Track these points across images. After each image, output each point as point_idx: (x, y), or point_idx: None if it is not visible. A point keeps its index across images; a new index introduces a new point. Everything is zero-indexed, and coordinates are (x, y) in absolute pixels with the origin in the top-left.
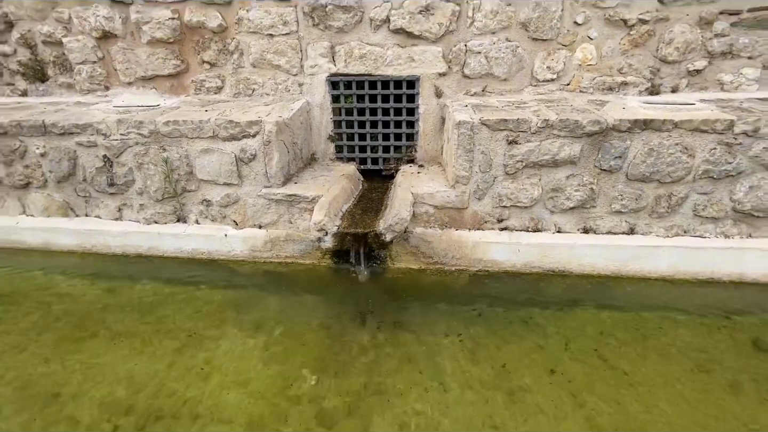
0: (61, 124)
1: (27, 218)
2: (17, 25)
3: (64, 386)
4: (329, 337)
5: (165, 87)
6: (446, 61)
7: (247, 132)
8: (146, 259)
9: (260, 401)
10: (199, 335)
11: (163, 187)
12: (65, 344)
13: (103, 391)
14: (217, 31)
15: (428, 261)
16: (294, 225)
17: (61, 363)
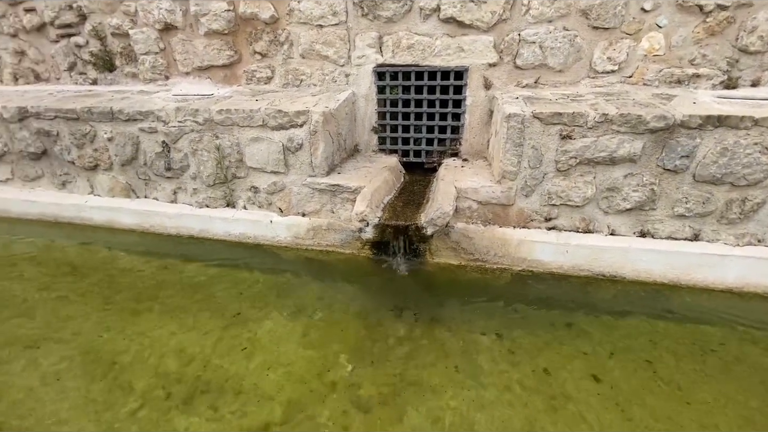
0: (127, 111)
1: (94, 198)
2: (90, 17)
3: (123, 354)
4: (366, 327)
5: (219, 77)
6: (497, 52)
7: (294, 122)
8: (197, 240)
9: (299, 383)
10: (243, 315)
11: (214, 173)
12: (125, 315)
13: (157, 361)
14: (269, 22)
15: (469, 257)
16: (336, 214)
17: (121, 332)
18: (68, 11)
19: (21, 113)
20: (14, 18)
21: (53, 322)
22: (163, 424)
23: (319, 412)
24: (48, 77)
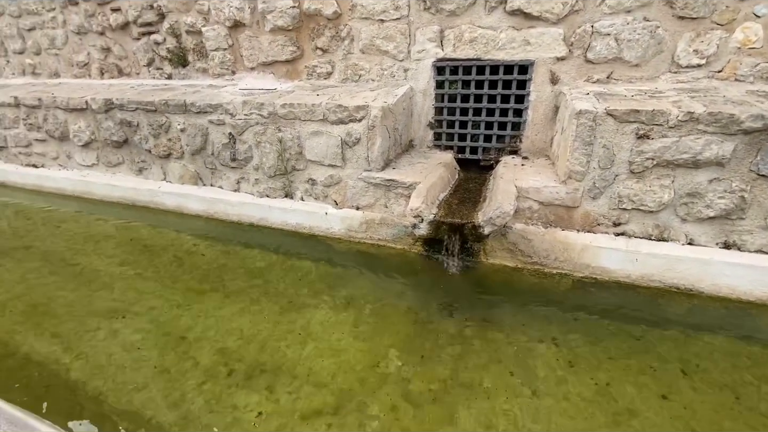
0: (198, 104)
1: (166, 184)
2: (168, 16)
3: (190, 330)
4: (416, 323)
5: (281, 72)
6: (567, 45)
7: (353, 116)
8: (257, 228)
9: (350, 373)
10: (297, 303)
11: (275, 165)
12: (191, 294)
13: (220, 339)
14: (332, 18)
15: (526, 260)
16: (389, 209)
17: (189, 310)
18: (149, 10)
19: (107, 105)
20: (102, 17)
21: (130, 296)
22: (226, 398)
23: (370, 403)
24: (129, 72)
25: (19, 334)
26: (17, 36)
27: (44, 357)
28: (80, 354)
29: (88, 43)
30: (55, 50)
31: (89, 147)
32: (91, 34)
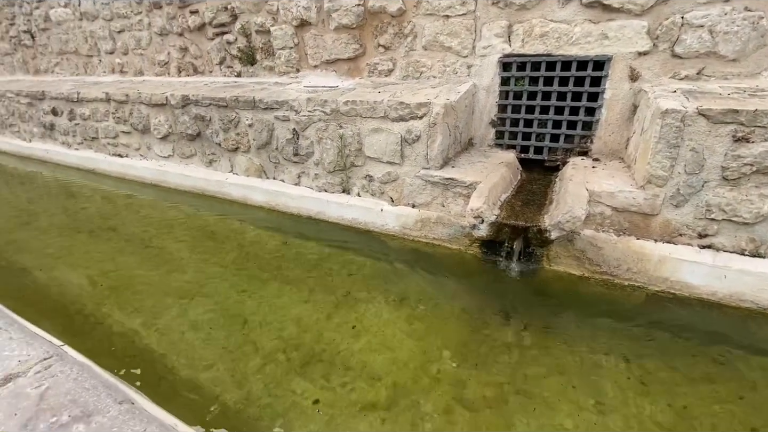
0: (266, 100)
1: (233, 176)
2: (240, 17)
3: (252, 315)
4: (470, 326)
5: (343, 69)
6: (651, 38)
7: (415, 114)
8: (314, 221)
9: (403, 370)
10: (351, 296)
11: (335, 161)
12: (253, 281)
13: (279, 326)
14: (396, 15)
15: (594, 269)
16: (446, 208)
17: (251, 295)
18: (224, 12)
19: (184, 101)
20: (182, 19)
21: (199, 279)
22: (284, 383)
23: (424, 402)
24: (203, 70)
25: (106, 306)
26: (108, 38)
27: (127, 329)
28: (157, 329)
29: (168, 44)
30: (140, 50)
31: (167, 139)
32: (171, 35)
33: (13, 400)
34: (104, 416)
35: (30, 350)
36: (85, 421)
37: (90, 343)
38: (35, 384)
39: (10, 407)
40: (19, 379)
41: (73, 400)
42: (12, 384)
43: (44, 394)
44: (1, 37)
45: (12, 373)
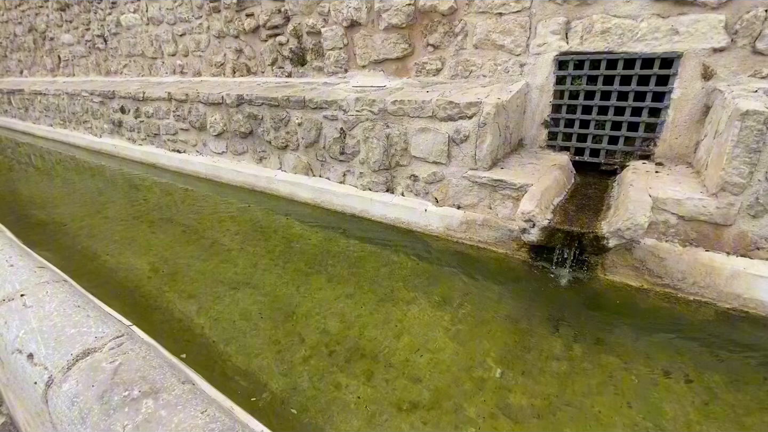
0: (315, 100)
1: (281, 172)
2: (292, 19)
3: (297, 308)
4: (516, 333)
5: (391, 69)
6: (729, 33)
7: (464, 113)
8: (358, 219)
9: (445, 373)
10: (393, 295)
11: (380, 160)
12: (298, 275)
13: (323, 320)
14: (447, 14)
15: (655, 281)
16: (493, 211)
17: (297, 289)
18: (277, 14)
19: (238, 100)
20: (238, 22)
21: (249, 270)
22: (328, 377)
23: (467, 406)
24: (256, 71)
25: (165, 292)
26: (171, 41)
27: (184, 315)
28: (211, 316)
29: (224, 46)
30: (199, 52)
31: (221, 137)
32: (228, 38)
33: (91, 372)
34: (170, 394)
35: (104, 328)
36: (154, 397)
37: (152, 325)
38: (109, 359)
39: (88, 379)
40: (96, 353)
41: (143, 376)
42: (90, 358)
43: (117, 369)
44: (77, 41)
45: (90, 347)
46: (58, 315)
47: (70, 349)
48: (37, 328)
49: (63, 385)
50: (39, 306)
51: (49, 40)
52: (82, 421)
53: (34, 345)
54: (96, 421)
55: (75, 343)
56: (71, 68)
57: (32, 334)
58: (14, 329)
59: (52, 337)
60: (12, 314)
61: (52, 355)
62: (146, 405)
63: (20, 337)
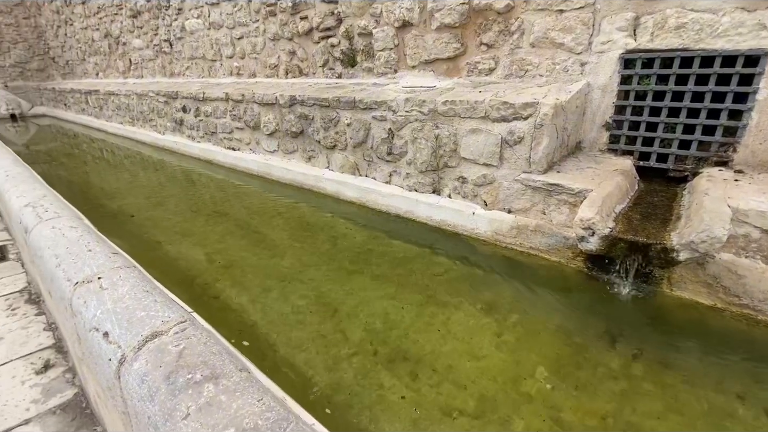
0: (365, 100)
1: (329, 171)
2: (344, 21)
3: (342, 305)
4: (568, 345)
5: (441, 69)
6: None
7: (519, 114)
8: (402, 220)
9: (491, 382)
10: (437, 298)
11: (428, 161)
12: (343, 273)
13: (367, 319)
14: (502, 12)
15: (731, 300)
16: (547, 216)
17: (341, 286)
18: (330, 17)
19: (291, 101)
20: (292, 25)
21: (296, 266)
22: (372, 375)
23: (514, 419)
24: (307, 72)
25: (219, 282)
26: (229, 44)
27: (237, 305)
28: (261, 307)
29: (279, 48)
30: (255, 54)
31: (273, 136)
32: (282, 40)
33: (158, 354)
34: (229, 380)
35: (170, 313)
36: (214, 382)
37: (209, 313)
38: (174, 343)
39: (156, 359)
40: (163, 336)
41: (204, 361)
42: (157, 340)
43: (182, 352)
44: (147, 45)
45: (157, 330)
46: (130, 298)
47: (140, 330)
48: (112, 309)
49: (134, 364)
50: (113, 289)
51: (122, 44)
52: (151, 398)
53: (109, 324)
54: (163, 400)
55: (144, 325)
56: (140, 70)
57: (107, 314)
58: (92, 309)
59: (125, 319)
60: (90, 295)
61: (125, 335)
62: (207, 389)
63: (97, 317)
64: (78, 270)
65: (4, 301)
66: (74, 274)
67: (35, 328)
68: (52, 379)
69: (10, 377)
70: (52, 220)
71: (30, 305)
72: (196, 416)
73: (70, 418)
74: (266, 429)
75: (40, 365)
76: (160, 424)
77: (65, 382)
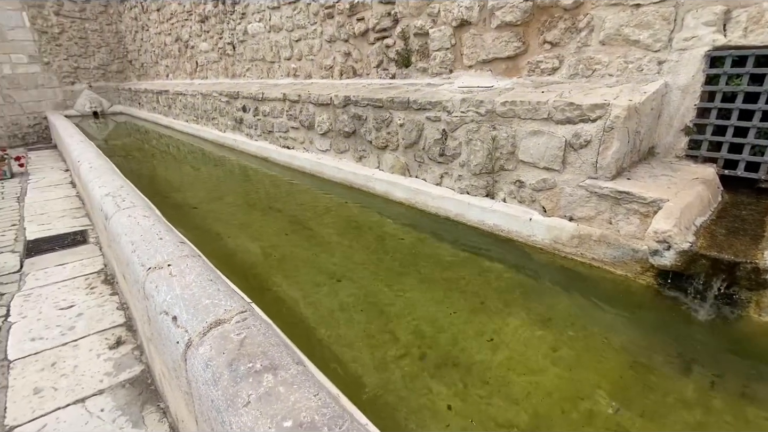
0: (420, 101)
1: (379, 172)
2: (400, 21)
3: (389, 306)
4: (634, 367)
5: (500, 69)
6: None
7: (587, 116)
8: (453, 223)
9: (547, 398)
10: (488, 306)
11: (482, 163)
12: (391, 273)
13: (414, 322)
14: (570, 8)
15: None
16: (614, 226)
17: (390, 287)
18: (386, 17)
19: (345, 101)
20: (349, 26)
21: (345, 264)
22: (420, 379)
23: None
24: (361, 73)
25: (274, 275)
26: (288, 46)
27: (289, 298)
28: (312, 303)
29: (334, 50)
30: (311, 56)
31: (326, 135)
32: (338, 42)
33: (222, 341)
34: (287, 372)
35: (231, 302)
36: (273, 373)
37: (264, 305)
38: (236, 331)
39: (219, 346)
40: (225, 324)
41: (264, 352)
42: (221, 327)
43: (243, 341)
44: (212, 48)
45: (220, 318)
46: (196, 286)
47: (205, 317)
48: (180, 295)
49: (199, 348)
50: (181, 276)
51: (190, 48)
52: (215, 383)
53: (177, 309)
54: (226, 386)
55: (209, 312)
56: (205, 72)
57: (176, 300)
58: (162, 293)
59: (192, 305)
60: (161, 281)
61: (192, 321)
62: (267, 379)
63: (167, 301)
64: (150, 256)
65: (84, 280)
66: (147, 260)
67: (109, 306)
68: (123, 355)
69: (88, 350)
70: (128, 209)
71: (105, 285)
72: (256, 405)
73: (137, 392)
74: (322, 425)
75: (113, 341)
76: (222, 409)
77: (134, 358)
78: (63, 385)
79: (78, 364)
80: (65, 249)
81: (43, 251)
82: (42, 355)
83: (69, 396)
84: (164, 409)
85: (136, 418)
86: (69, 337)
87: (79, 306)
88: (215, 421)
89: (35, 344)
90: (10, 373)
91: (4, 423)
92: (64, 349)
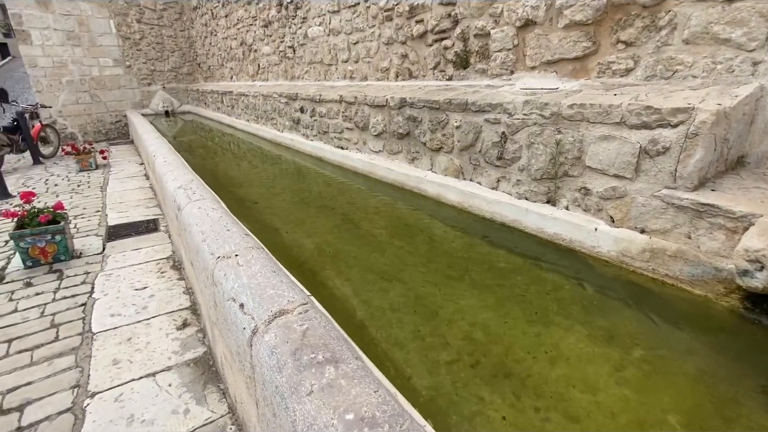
0: (478, 103)
1: (431, 173)
2: (460, 22)
3: (440, 309)
4: (712, 396)
5: (566, 70)
6: None
7: (666, 121)
8: (508, 229)
9: (611, 420)
10: (545, 317)
11: (544, 168)
12: (441, 277)
13: (466, 328)
14: (650, 5)
15: None
16: (693, 241)
17: (439, 290)
18: (446, 19)
19: (401, 103)
20: (407, 28)
21: (396, 264)
22: (472, 387)
23: None
24: (417, 75)
25: (326, 270)
26: (345, 48)
27: (342, 294)
28: (363, 300)
29: (391, 52)
30: (368, 59)
31: (380, 137)
32: (395, 44)
33: (285, 330)
34: (347, 366)
35: (293, 294)
36: (334, 366)
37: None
38: (299, 322)
39: (283, 335)
40: (288, 315)
41: (324, 344)
42: (284, 317)
43: (305, 332)
44: (273, 51)
45: (284, 309)
46: (261, 276)
47: (269, 306)
48: (247, 284)
49: (265, 336)
50: (248, 266)
51: (253, 51)
52: (279, 370)
53: (244, 297)
54: (290, 374)
55: (273, 302)
56: (266, 74)
57: (243, 288)
58: (230, 281)
59: (257, 294)
60: (229, 269)
61: (257, 309)
62: (329, 371)
63: (234, 289)
64: (219, 246)
65: (155, 265)
66: (216, 249)
67: (177, 290)
68: (188, 336)
69: (158, 329)
70: (198, 201)
71: (174, 270)
72: (318, 395)
73: (200, 372)
74: (383, 422)
75: (180, 322)
76: (286, 395)
77: (197, 340)
78: (137, 359)
79: (150, 341)
80: (140, 235)
81: (121, 236)
82: (120, 330)
83: (142, 369)
84: (224, 390)
85: (199, 396)
86: (143, 315)
87: (152, 288)
88: (278, 407)
89: (114, 320)
90: (93, 345)
91: (88, 389)
92: (138, 326)
